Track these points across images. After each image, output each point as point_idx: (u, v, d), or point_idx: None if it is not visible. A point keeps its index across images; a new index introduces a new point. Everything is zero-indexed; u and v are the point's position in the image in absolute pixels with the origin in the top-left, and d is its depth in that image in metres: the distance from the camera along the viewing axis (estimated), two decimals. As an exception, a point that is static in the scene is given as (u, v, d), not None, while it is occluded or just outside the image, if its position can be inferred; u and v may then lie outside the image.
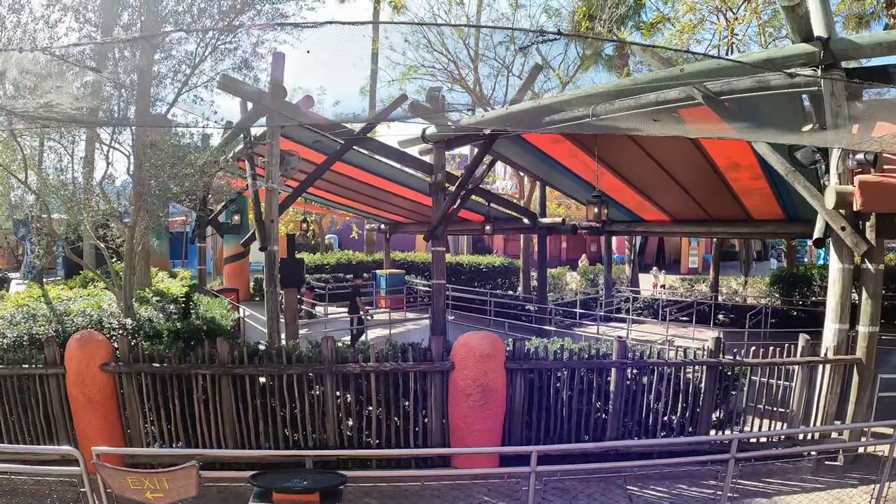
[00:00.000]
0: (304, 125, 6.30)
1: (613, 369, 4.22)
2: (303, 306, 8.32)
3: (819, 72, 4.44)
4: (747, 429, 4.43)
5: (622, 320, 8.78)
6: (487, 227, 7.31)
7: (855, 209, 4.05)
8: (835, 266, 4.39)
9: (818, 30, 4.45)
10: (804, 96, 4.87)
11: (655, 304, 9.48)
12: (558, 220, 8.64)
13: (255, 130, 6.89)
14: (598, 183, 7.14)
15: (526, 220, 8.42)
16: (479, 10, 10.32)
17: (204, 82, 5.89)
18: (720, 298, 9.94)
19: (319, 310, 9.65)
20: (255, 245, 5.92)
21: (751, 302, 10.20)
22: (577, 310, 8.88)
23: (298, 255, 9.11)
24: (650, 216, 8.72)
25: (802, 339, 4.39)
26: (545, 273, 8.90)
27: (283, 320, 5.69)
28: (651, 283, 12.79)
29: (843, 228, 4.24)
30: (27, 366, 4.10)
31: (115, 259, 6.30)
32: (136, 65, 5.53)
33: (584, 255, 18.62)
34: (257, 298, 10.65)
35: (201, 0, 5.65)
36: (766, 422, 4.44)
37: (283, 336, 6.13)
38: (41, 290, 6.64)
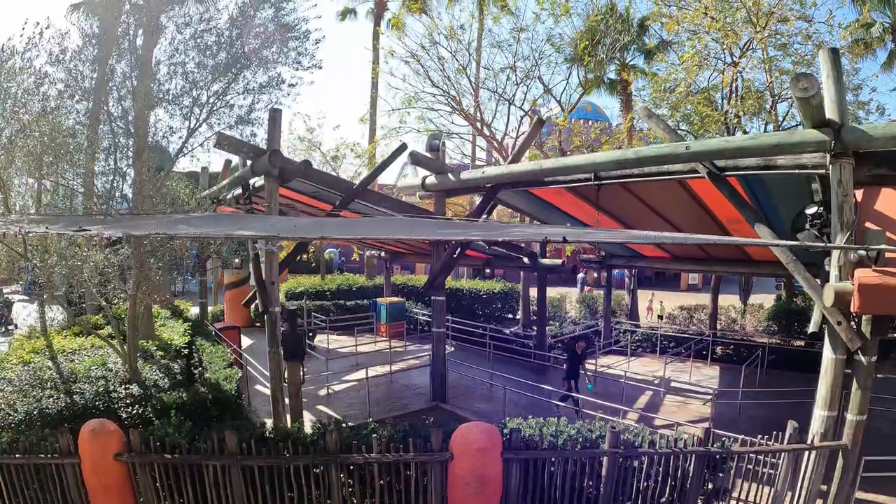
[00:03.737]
0: (302, 180, 6.22)
1: (605, 458, 4.38)
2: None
3: (829, 158, 4.37)
4: (735, 495, 4.66)
5: (621, 353, 8.91)
6: (487, 271, 7.34)
7: (853, 310, 4.07)
8: (828, 356, 4.46)
9: (830, 113, 4.35)
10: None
11: (654, 337, 9.60)
12: (559, 261, 8.64)
13: (255, 180, 6.81)
14: (599, 224, 7.11)
15: (526, 260, 8.43)
16: (479, 34, 9.90)
17: (200, 143, 5.79)
18: (718, 325, 10.04)
19: (321, 339, 9.74)
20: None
21: (749, 331, 10.32)
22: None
23: (299, 288, 9.04)
24: (650, 253, 8.72)
25: (790, 426, 4.52)
26: (545, 310, 8.99)
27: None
28: (646, 307, 12.81)
29: (839, 323, 4.28)
30: (43, 455, 4.26)
31: (116, 302, 6.33)
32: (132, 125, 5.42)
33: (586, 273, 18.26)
34: (258, 324, 10.75)
35: (194, 52, 5.48)
36: (753, 486, 4.66)
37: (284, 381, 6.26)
38: (45, 339, 6.73)
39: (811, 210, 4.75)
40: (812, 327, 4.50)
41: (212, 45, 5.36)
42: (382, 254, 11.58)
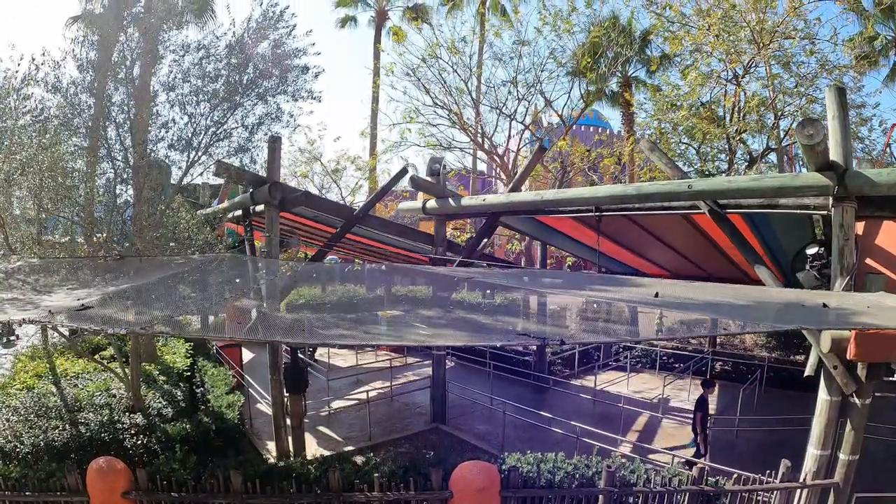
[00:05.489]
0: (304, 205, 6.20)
1: (601, 496, 4.48)
2: (300, 355, 8.33)
3: (831, 201, 4.37)
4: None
5: (621, 369, 8.95)
6: (488, 291, 7.37)
7: (849, 357, 4.12)
8: (823, 397, 4.51)
9: (835, 155, 4.33)
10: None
11: (653, 353, 9.67)
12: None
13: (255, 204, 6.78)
14: (599, 247, 7.13)
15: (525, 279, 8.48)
16: (480, 47, 9.75)
17: (200, 172, 5.76)
18: (718, 339, 10.13)
19: (321, 353, 9.73)
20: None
21: (749, 344, 10.39)
22: (576, 366, 9.05)
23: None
24: (650, 271, 8.76)
25: (783, 464, 4.61)
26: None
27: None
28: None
29: (835, 367, 4.33)
30: (52, 493, 4.35)
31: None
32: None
33: None
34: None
35: (195, 77, 5.41)
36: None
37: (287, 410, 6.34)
38: (49, 361, 6.79)
39: (811, 250, 4.77)
40: (808, 370, 4.55)
41: (210, 73, 5.30)
42: (383, 267, 11.64)
